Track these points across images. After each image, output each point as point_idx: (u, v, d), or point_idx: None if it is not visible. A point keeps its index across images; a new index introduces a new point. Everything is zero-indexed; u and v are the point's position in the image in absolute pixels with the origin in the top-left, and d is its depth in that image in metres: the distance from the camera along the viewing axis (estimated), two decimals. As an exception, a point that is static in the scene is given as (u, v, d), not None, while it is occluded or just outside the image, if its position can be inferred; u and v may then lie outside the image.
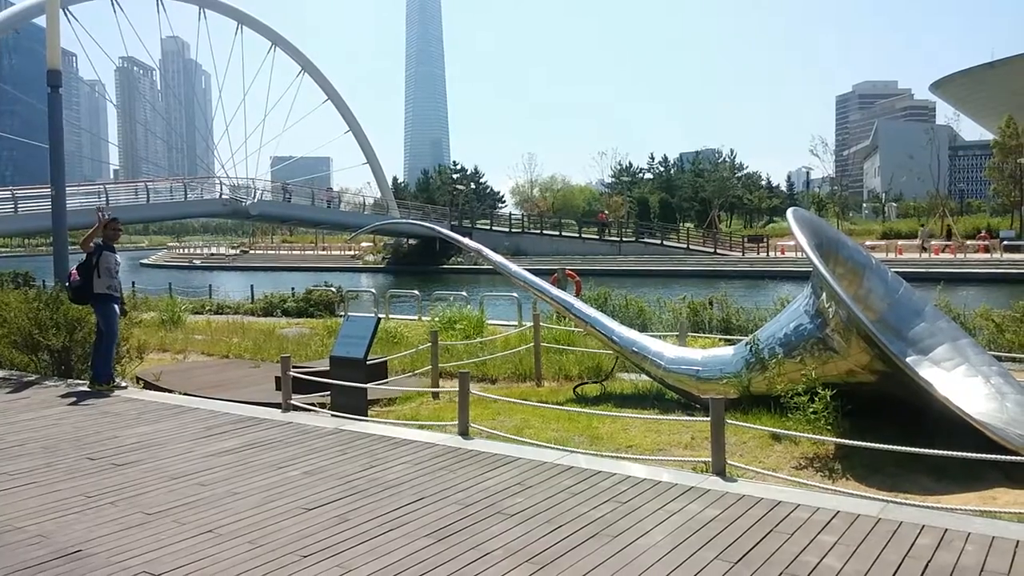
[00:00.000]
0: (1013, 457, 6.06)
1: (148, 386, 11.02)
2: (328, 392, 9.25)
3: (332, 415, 8.47)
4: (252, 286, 29.71)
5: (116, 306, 10.15)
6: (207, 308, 25.22)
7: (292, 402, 8.72)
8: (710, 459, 6.06)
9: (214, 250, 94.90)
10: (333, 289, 25.91)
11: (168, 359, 14.47)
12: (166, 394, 10.18)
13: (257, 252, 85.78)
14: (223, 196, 56.63)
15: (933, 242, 53.28)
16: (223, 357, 14.54)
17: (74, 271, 10.11)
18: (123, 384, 10.27)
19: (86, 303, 10.27)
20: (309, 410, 8.72)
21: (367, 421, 8.29)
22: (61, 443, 7.40)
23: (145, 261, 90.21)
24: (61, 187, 14.12)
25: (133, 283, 34.11)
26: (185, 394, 10.15)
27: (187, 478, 6.17)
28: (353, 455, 6.74)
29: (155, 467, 6.51)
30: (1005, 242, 50.33)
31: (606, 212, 73.64)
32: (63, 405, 9.18)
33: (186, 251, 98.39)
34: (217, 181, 60.20)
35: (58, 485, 6.07)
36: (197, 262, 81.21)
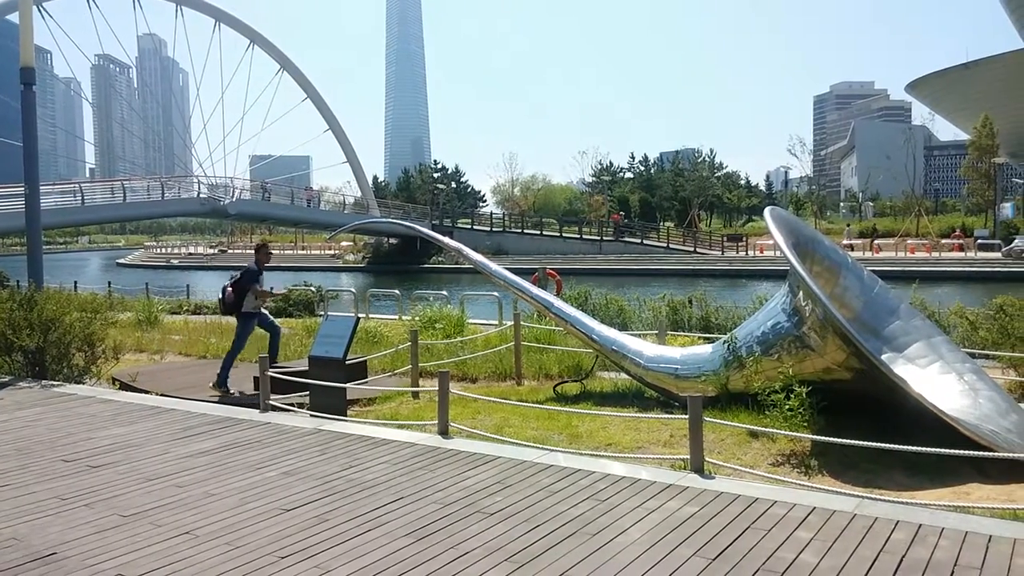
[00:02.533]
0: (986, 453, 6.14)
1: (124, 387, 10.92)
2: (307, 392, 9.21)
3: (311, 415, 8.42)
4: (230, 286, 29.44)
5: (256, 318, 11.05)
6: (184, 308, 24.99)
7: (270, 402, 8.67)
8: (688, 457, 6.10)
9: (192, 249, 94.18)
10: (313, 289, 25.76)
11: (145, 360, 14.34)
12: (142, 395, 10.09)
13: (236, 252, 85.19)
14: (201, 195, 56.18)
15: (909, 241, 53.93)
16: (200, 357, 14.43)
17: (230, 288, 10.99)
18: (233, 392, 10.55)
19: (231, 314, 11.25)
20: (288, 410, 8.67)
21: (346, 421, 8.26)
22: (35, 445, 7.31)
23: (122, 261, 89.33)
24: (35, 186, 13.96)
25: (109, 283, 33.76)
26: (162, 395, 10.07)
27: (163, 479, 6.12)
28: (332, 455, 6.71)
29: (131, 469, 6.45)
30: (979, 241, 51.01)
31: (621, 213, 74.12)
32: (37, 407, 9.07)
33: (163, 251, 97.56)
34: (195, 180, 59.76)
35: (32, 487, 6.00)
36: (175, 262, 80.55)
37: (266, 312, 11.34)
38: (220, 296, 11.24)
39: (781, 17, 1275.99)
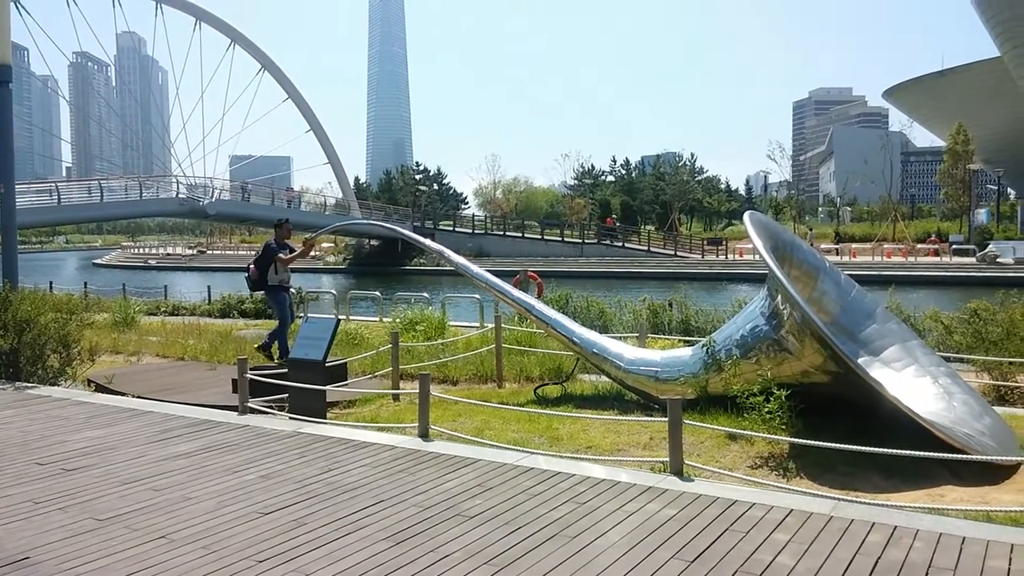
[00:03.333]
0: (960, 455, 6.22)
1: (100, 389, 10.81)
2: (286, 394, 9.16)
3: (290, 418, 8.38)
4: (209, 287, 29.23)
5: (287, 294, 11.56)
6: (162, 309, 24.78)
7: (249, 405, 8.62)
8: (668, 459, 6.13)
9: (170, 250, 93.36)
10: (292, 290, 25.59)
11: (121, 361, 14.19)
12: (119, 397, 9.99)
13: (215, 252, 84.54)
14: (180, 195, 55.66)
15: (886, 246, 54.50)
16: (178, 359, 14.31)
17: (252, 266, 11.44)
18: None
19: (260, 290, 11.78)
20: (267, 413, 8.62)
21: (326, 424, 8.23)
22: (8, 447, 7.22)
23: (98, 261, 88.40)
24: (10, 184, 13.81)
25: (85, 284, 33.40)
26: (138, 397, 9.98)
27: (140, 483, 6.06)
28: (311, 458, 6.68)
29: (106, 472, 6.38)
30: (954, 246, 51.63)
31: (613, 217, 74.59)
32: (10, 408, 8.95)
33: (141, 251, 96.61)
34: (174, 180, 59.15)
35: (5, 491, 5.92)
36: (152, 262, 79.86)
37: (288, 296, 11.67)
38: (246, 275, 11.67)
39: (762, 24, 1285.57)
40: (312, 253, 65.00)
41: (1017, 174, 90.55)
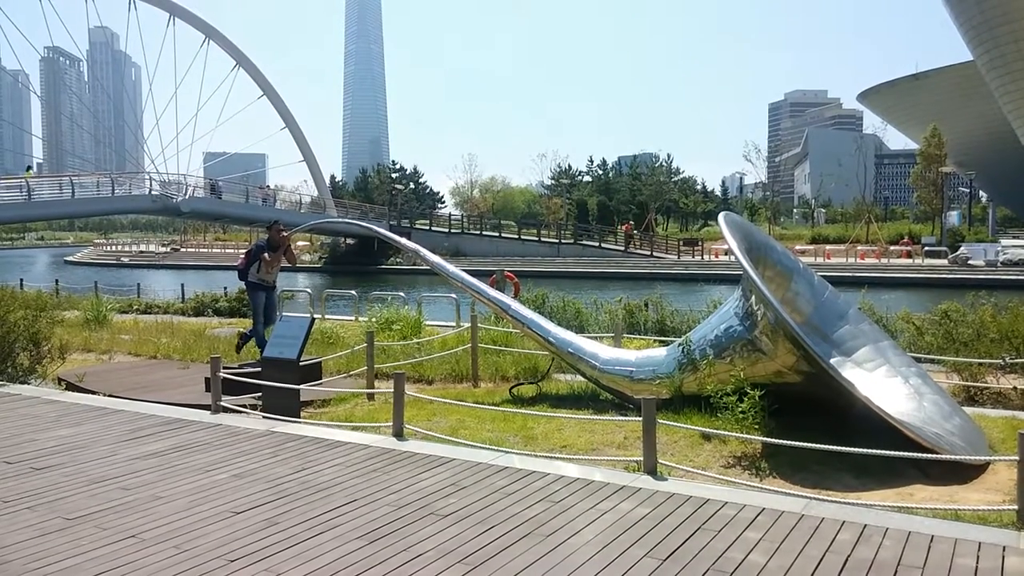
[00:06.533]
0: (929, 455, 6.31)
1: (70, 387, 10.67)
2: (260, 393, 9.09)
3: (263, 417, 8.32)
4: (183, 285, 28.93)
5: (264, 293, 11.53)
6: (135, 307, 24.46)
7: (222, 404, 8.54)
8: (642, 458, 6.16)
9: (143, 247, 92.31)
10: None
11: (92, 359, 14.01)
12: (89, 396, 9.87)
13: (189, 250, 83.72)
14: (153, 192, 54.99)
15: (859, 247, 55.11)
16: (151, 358, 14.15)
17: (243, 256, 11.67)
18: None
19: (243, 280, 11.79)
20: (240, 412, 8.55)
21: (299, 423, 8.18)
22: (-24, 447, 7.10)
23: (70, 258, 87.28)
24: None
25: (56, 281, 32.95)
26: (110, 396, 9.86)
27: (110, 482, 5.99)
28: (284, 457, 6.64)
29: (76, 471, 6.30)
30: (926, 248, 52.29)
31: (630, 223, 74.56)
32: (-21, 407, 8.81)
33: (113, 248, 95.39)
34: (147, 177, 58.42)
35: (-28, 490, 5.82)
36: (125, 260, 78.94)
37: (275, 295, 11.88)
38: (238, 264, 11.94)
39: (739, 25, 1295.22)
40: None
41: (989, 177, 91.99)
